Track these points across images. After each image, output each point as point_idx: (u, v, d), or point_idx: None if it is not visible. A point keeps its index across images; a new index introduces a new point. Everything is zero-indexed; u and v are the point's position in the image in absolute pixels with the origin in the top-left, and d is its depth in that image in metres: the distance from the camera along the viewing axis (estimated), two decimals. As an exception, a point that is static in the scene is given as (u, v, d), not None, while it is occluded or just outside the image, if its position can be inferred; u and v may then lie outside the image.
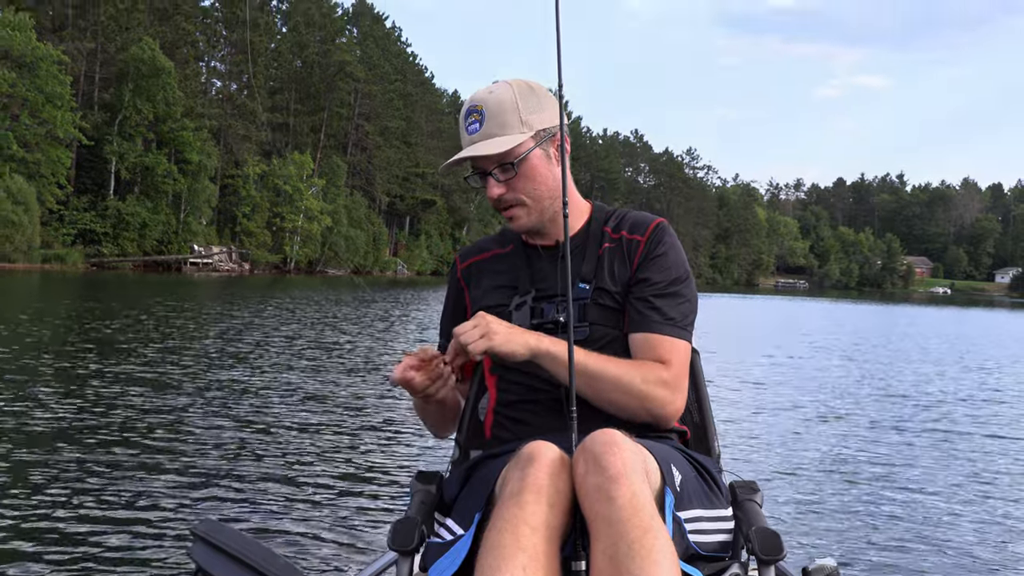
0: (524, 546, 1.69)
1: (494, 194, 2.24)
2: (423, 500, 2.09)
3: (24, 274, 42.66)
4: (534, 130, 2.21)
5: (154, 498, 5.46)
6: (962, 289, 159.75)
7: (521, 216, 2.26)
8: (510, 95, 2.21)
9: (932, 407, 11.61)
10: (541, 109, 2.23)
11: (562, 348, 2.06)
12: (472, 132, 2.22)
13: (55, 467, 6.04)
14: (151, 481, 5.86)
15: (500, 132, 2.19)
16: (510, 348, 2.07)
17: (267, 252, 68.04)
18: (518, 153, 2.19)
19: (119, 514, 5.09)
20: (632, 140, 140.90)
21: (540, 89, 2.27)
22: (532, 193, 2.23)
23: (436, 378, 2.15)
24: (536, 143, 2.21)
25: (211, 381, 10.36)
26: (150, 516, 5.08)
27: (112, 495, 5.45)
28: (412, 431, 8.02)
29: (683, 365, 2.19)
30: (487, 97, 2.21)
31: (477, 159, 2.22)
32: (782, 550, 1.86)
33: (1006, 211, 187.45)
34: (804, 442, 8.63)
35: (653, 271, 2.23)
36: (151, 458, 6.49)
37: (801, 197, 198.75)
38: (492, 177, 2.23)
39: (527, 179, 2.22)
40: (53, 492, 5.45)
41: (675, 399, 2.16)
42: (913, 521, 5.90)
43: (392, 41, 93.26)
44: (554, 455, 1.83)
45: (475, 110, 2.22)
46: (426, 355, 2.15)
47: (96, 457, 6.40)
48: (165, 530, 4.84)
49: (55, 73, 50.38)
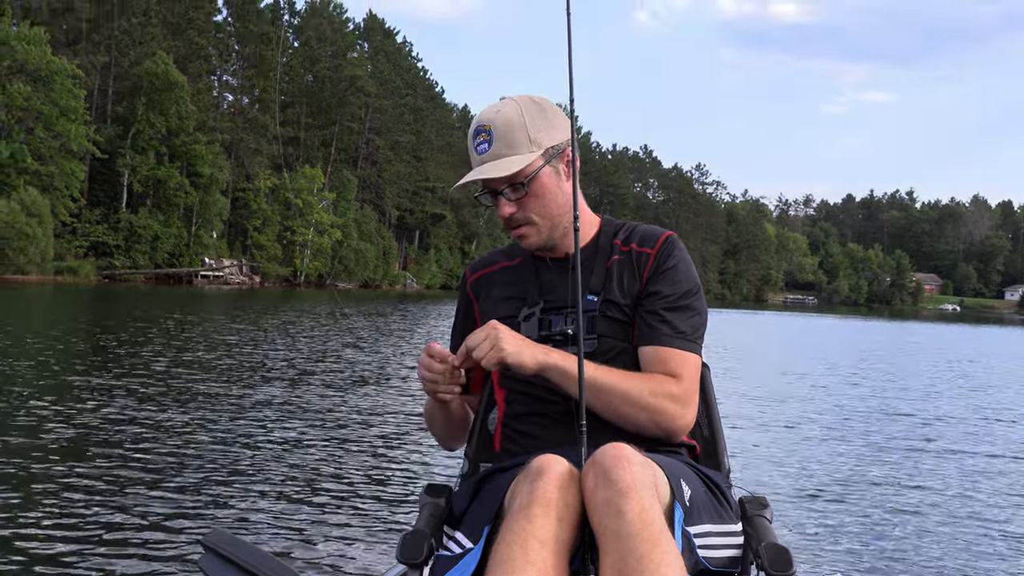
0: (533, 560, 1.69)
1: (505, 213, 2.24)
2: (432, 513, 2.09)
3: (37, 286, 42.81)
4: (543, 148, 2.21)
5: (163, 509, 5.46)
6: (971, 306, 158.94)
7: (531, 235, 2.26)
8: (517, 114, 2.21)
9: (948, 428, 11.50)
10: (549, 126, 2.23)
11: (571, 362, 2.06)
12: (481, 152, 2.22)
13: (65, 477, 6.05)
14: (160, 492, 5.86)
15: (509, 152, 2.19)
16: (519, 360, 2.07)
17: (277, 265, 68.20)
18: (528, 173, 2.19)
19: (128, 524, 5.09)
20: (641, 155, 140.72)
21: (547, 105, 2.27)
22: (542, 211, 2.23)
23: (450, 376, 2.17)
24: (545, 161, 2.21)
25: (221, 394, 10.37)
26: (159, 526, 5.08)
27: (121, 505, 5.45)
28: (422, 444, 8.02)
29: (694, 379, 2.19)
30: (495, 117, 2.21)
31: (487, 179, 2.22)
32: (792, 566, 1.85)
33: (1016, 228, 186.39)
34: (815, 458, 8.59)
35: (663, 284, 2.23)
36: (160, 469, 6.49)
37: (810, 213, 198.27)
38: (503, 196, 2.23)
39: (537, 198, 2.22)
40: (62, 502, 5.45)
41: (685, 413, 2.15)
42: (927, 540, 5.85)
43: (403, 56, 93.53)
44: (563, 469, 1.83)
45: (483, 130, 2.22)
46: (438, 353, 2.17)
47: (105, 467, 6.40)
48: (175, 541, 4.84)
49: (69, 87, 50.65)
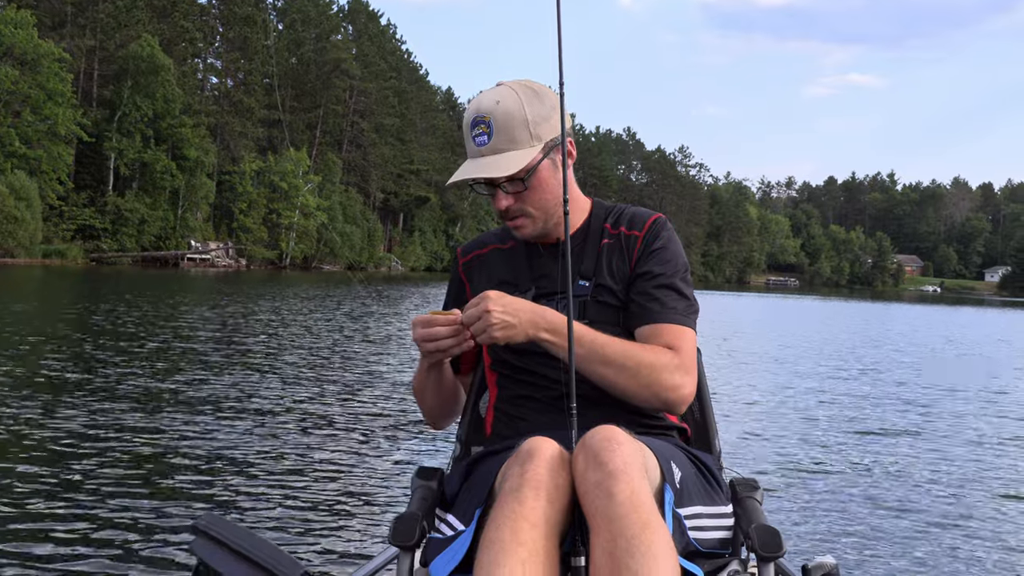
0: (523, 541, 1.69)
1: (502, 206, 2.21)
2: (424, 496, 2.10)
3: (25, 269, 42.76)
4: (543, 142, 2.18)
5: (155, 493, 5.47)
6: (952, 288, 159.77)
7: (527, 226, 2.25)
8: (518, 105, 2.16)
9: (933, 406, 11.62)
10: (548, 117, 2.19)
11: (562, 337, 2.04)
12: (480, 144, 2.17)
13: (53, 459, 6.04)
14: (151, 477, 5.87)
15: (510, 147, 2.15)
16: (513, 342, 2.07)
17: (263, 248, 68.05)
18: (529, 169, 2.17)
19: (121, 509, 5.09)
20: (624, 138, 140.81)
21: (544, 91, 2.22)
22: (540, 204, 2.21)
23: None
24: (545, 154, 2.18)
25: (213, 379, 10.35)
26: (151, 511, 5.09)
27: (113, 491, 5.45)
28: (414, 427, 8.04)
29: (691, 351, 2.17)
30: (494, 108, 2.16)
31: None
32: (782, 547, 1.86)
33: (996, 210, 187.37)
34: (805, 440, 8.65)
35: (653, 264, 2.22)
36: (152, 454, 6.49)
37: (792, 195, 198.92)
38: (501, 189, 2.20)
39: (536, 191, 2.20)
40: (50, 484, 5.45)
41: (686, 382, 2.12)
42: (913, 520, 5.91)
43: (387, 38, 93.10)
44: (554, 451, 1.84)
45: (482, 120, 2.17)
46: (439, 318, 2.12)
47: (97, 453, 6.40)
48: (166, 525, 4.85)
49: (56, 70, 50.67)
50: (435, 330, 2.08)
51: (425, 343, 2.11)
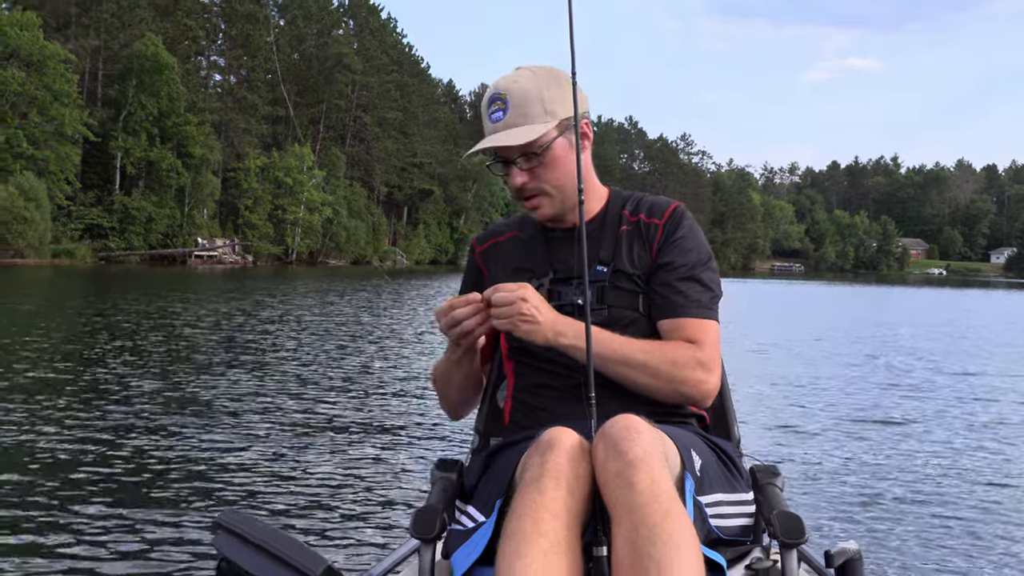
0: (544, 531, 1.69)
1: (517, 183, 2.22)
2: (444, 488, 2.09)
3: (36, 269, 42.95)
4: (558, 119, 2.19)
5: (176, 489, 5.49)
6: (957, 270, 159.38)
7: (544, 205, 2.25)
8: (534, 83, 2.19)
9: (958, 395, 11.42)
10: (565, 97, 2.20)
11: (583, 341, 2.03)
12: (495, 120, 2.19)
13: (77, 458, 6.06)
14: (173, 473, 5.90)
15: (524, 121, 2.17)
16: (531, 338, 2.07)
17: (269, 244, 68.17)
18: (542, 143, 2.18)
19: (142, 504, 5.12)
20: (627, 127, 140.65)
21: (562, 75, 2.23)
22: (555, 182, 2.22)
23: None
24: (560, 132, 2.20)
25: (231, 374, 10.40)
26: (173, 506, 5.12)
27: (135, 486, 5.49)
28: (433, 419, 8.05)
29: (715, 344, 2.17)
30: (511, 86, 2.19)
31: (500, 148, 2.21)
32: (804, 533, 1.85)
33: (1000, 192, 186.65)
34: (825, 427, 8.61)
35: (675, 255, 2.22)
36: (171, 448, 6.53)
37: (796, 181, 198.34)
38: (515, 166, 2.21)
39: (551, 168, 2.20)
40: (74, 482, 5.47)
41: (709, 378, 2.13)
42: (936, 507, 5.87)
43: (388, 32, 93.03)
44: (574, 441, 1.83)
45: (498, 97, 2.20)
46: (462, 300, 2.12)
47: (117, 448, 6.43)
48: (188, 520, 4.87)
49: (62, 71, 50.87)
50: (458, 312, 2.09)
51: (451, 329, 2.11)
